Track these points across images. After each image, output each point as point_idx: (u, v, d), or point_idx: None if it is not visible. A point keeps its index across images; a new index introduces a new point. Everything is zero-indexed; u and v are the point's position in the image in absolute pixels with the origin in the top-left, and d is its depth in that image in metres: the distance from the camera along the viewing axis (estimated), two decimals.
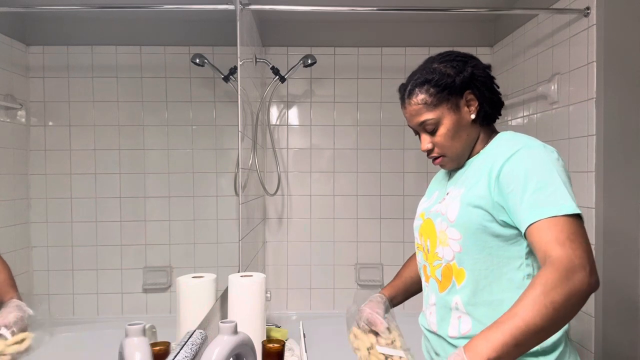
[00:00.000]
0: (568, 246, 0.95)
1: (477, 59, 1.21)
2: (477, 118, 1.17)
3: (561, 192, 1.00)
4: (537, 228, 0.99)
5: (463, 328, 1.13)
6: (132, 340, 0.83)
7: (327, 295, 2.90)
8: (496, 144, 1.17)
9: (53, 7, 0.71)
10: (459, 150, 1.18)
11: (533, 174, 1.02)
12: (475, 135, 1.19)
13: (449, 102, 1.15)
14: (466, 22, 2.83)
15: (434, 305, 1.20)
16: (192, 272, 1.32)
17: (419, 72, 1.20)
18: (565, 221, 0.97)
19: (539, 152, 1.06)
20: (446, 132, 1.16)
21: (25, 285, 0.63)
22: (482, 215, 1.08)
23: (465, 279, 1.12)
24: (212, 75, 1.56)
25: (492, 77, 1.21)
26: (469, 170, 1.18)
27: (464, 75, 1.15)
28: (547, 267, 0.94)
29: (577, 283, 0.92)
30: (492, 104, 1.19)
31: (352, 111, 2.89)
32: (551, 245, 0.96)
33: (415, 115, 1.19)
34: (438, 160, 1.21)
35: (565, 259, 0.93)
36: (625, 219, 1.84)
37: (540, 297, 0.91)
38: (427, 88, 1.16)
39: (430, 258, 1.21)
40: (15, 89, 0.61)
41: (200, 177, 1.43)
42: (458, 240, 1.12)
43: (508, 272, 1.09)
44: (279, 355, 1.30)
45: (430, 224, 1.22)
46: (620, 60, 1.86)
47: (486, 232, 1.08)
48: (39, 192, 0.66)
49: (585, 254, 0.95)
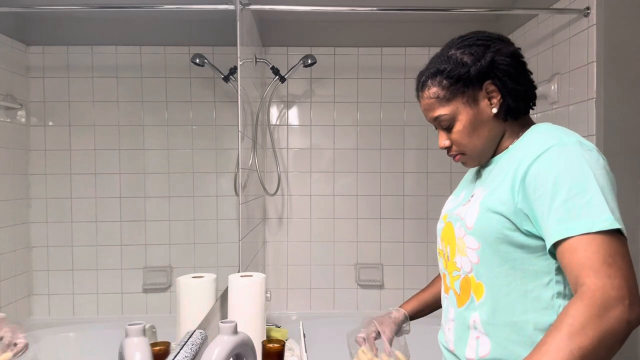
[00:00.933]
0: (603, 273, 0.80)
1: (505, 40, 1.05)
2: (499, 112, 1.02)
3: (597, 202, 0.85)
4: (568, 248, 0.85)
5: (481, 350, 1.00)
6: (132, 340, 0.83)
7: (327, 295, 2.90)
8: (527, 139, 1.01)
9: (53, 7, 0.71)
10: (480, 148, 1.05)
11: (564, 178, 0.87)
12: (499, 131, 1.04)
13: (464, 95, 1.02)
14: (466, 22, 2.83)
15: (452, 321, 1.08)
16: (192, 272, 1.32)
17: (436, 59, 1.07)
18: (602, 240, 0.83)
19: (574, 151, 0.90)
20: (462, 129, 1.03)
21: (25, 285, 0.63)
22: (503, 222, 0.94)
23: (484, 295, 0.99)
24: (212, 75, 1.56)
25: (522, 62, 1.05)
26: (496, 168, 1.04)
27: (481, 64, 1.00)
28: (577, 301, 0.80)
29: (612, 321, 0.78)
30: (517, 96, 1.02)
31: (352, 111, 2.89)
32: (583, 271, 0.82)
33: (428, 110, 1.07)
34: (457, 157, 1.08)
35: (599, 291, 0.79)
36: (625, 219, 1.84)
37: (566, 341, 0.77)
38: (440, 80, 1.03)
39: (450, 267, 1.09)
40: (15, 89, 0.60)
41: (200, 177, 1.43)
42: (476, 250, 0.99)
43: (534, 290, 0.94)
44: (279, 355, 1.30)
45: (450, 229, 1.09)
46: (620, 60, 1.86)
47: (507, 242, 0.95)
48: (39, 192, 0.66)
49: (625, 282, 0.80)
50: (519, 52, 1.06)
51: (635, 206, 1.85)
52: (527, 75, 1.06)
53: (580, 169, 0.88)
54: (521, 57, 1.06)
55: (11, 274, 0.60)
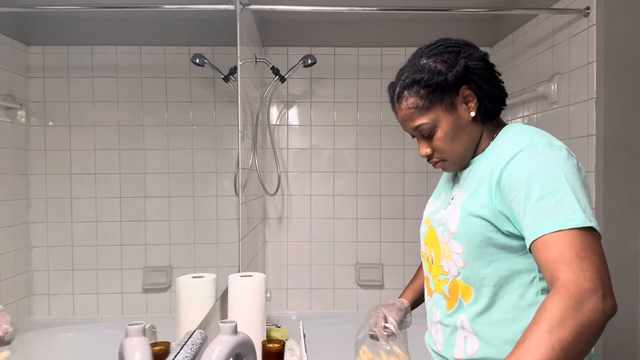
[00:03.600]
0: (576, 266, 0.82)
1: (472, 46, 1.07)
2: (477, 115, 1.05)
3: (568, 200, 0.87)
4: (542, 245, 0.87)
5: (469, 349, 1.02)
6: (132, 340, 0.83)
7: (327, 295, 2.90)
8: (500, 141, 1.04)
9: (53, 7, 0.71)
10: (461, 152, 1.07)
11: (536, 179, 0.90)
12: (477, 134, 1.07)
13: (443, 102, 1.03)
14: (466, 22, 2.83)
15: (439, 323, 1.10)
16: (192, 272, 1.32)
17: (407, 70, 1.08)
18: (573, 235, 0.85)
19: (544, 152, 0.93)
20: (444, 136, 1.04)
21: (25, 285, 0.63)
22: (485, 225, 0.97)
23: (472, 297, 1.01)
24: (212, 75, 1.56)
25: (491, 65, 1.07)
26: (473, 171, 1.07)
27: (457, 70, 1.02)
28: (553, 295, 0.82)
29: (588, 313, 0.79)
30: (493, 98, 1.05)
31: (352, 111, 2.89)
32: (557, 266, 0.84)
33: (407, 120, 1.07)
34: (438, 164, 1.10)
35: (573, 284, 0.81)
36: (625, 219, 1.84)
37: (545, 336, 0.78)
38: (417, 90, 1.04)
39: (434, 270, 1.11)
40: (15, 89, 0.61)
41: (200, 177, 1.43)
42: (461, 254, 1.01)
43: (519, 288, 0.97)
44: (279, 355, 1.30)
45: (433, 233, 1.11)
46: (620, 60, 1.86)
47: (491, 244, 0.97)
48: (39, 192, 0.66)
49: (597, 274, 0.82)
50: (487, 55, 1.09)
51: (636, 206, 1.85)
52: (498, 77, 1.08)
53: (551, 170, 0.90)
54: (489, 60, 1.08)
55: (11, 274, 0.60)
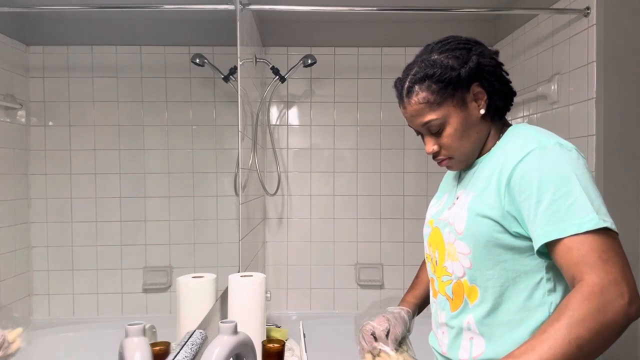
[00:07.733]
0: (600, 269, 0.83)
1: (482, 44, 1.06)
2: (487, 113, 1.04)
3: (582, 203, 0.87)
4: (562, 247, 0.87)
5: (475, 351, 1.01)
6: (132, 340, 0.83)
7: (327, 295, 2.90)
8: (508, 141, 1.03)
9: (53, 7, 0.71)
10: (468, 151, 1.05)
11: (548, 181, 0.89)
12: (485, 132, 1.06)
13: (454, 98, 1.01)
14: (466, 22, 2.83)
15: (444, 324, 1.09)
16: (192, 272, 1.32)
17: (418, 64, 1.06)
18: (593, 238, 0.85)
19: (554, 152, 0.92)
20: (453, 132, 1.03)
21: (25, 285, 0.63)
22: (492, 226, 0.96)
23: (479, 297, 1.00)
24: (212, 75, 1.56)
25: (501, 64, 1.06)
26: (479, 171, 1.05)
27: (470, 67, 1.00)
28: (576, 295, 0.82)
29: (611, 316, 0.80)
30: (503, 96, 1.05)
31: (352, 111, 2.89)
32: (581, 269, 0.84)
33: (416, 115, 1.04)
34: (444, 162, 1.08)
35: (598, 287, 0.81)
36: (625, 219, 1.84)
37: (564, 331, 0.79)
38: (429, 84, 1.01)
39: (438, 272, 1.10)
40: (15, 89, 0.60)
41: (200, 177, 1.43)
42: (467, 254, 1.00)
43: (526, 289, 0.97)
44: (279, 355, 1.30)
45: (438, 234, 1.10)
46: (620, 60, 1.86)
47: (498, 245, 0.97)
48: (39, 192, 0.66)
49: (623, 277, 0.82)
50: (497, 53, 1.08)
51: (636, 206, 1.85)
52: (506, 76, 1.08)
53: (563, 171, 0.90)
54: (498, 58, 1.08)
55: (11, 274, 0.60)
